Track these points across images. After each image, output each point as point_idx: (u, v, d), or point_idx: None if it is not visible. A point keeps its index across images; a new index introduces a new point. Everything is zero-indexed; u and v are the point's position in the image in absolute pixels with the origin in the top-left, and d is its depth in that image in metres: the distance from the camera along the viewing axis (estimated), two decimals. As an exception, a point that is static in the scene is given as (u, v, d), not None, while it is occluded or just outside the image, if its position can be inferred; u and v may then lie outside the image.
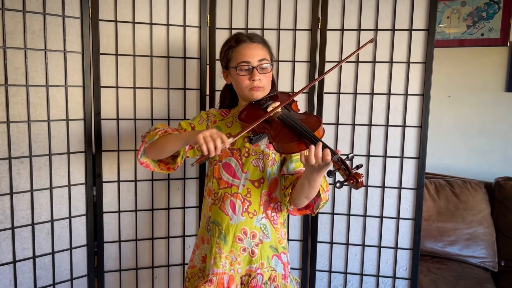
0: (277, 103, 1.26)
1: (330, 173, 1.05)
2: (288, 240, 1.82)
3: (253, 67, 1.27)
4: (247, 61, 1.27)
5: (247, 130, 1.19)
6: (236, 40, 1.31)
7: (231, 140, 1.11)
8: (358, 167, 1.04)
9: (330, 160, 1.04)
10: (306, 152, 1.09)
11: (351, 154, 1.07)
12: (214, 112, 1.43)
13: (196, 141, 1.08)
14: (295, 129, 1.15)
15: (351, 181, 1.01)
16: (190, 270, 1.40)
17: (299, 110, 1.34)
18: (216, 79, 1.81)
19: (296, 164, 1.29)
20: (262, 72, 1.28)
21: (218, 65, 1.80)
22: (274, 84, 1.40)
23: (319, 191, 1.20)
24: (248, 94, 1.30)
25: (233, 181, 1.31)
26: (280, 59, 1.80)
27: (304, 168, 1.21)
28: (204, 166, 1.85)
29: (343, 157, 1.05)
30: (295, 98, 1.36)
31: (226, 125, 1.37)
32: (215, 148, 1.06)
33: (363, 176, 1.01)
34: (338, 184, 1.03)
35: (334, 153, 1.05)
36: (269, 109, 1.24)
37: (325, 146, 1.06)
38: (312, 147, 1.06)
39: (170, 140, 1.23)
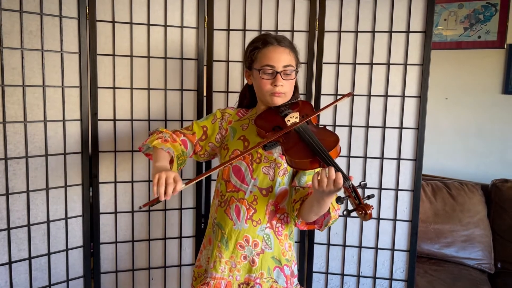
0: (296, 113, 1.23)
1: (340, 200, 1.00)
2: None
3: (277, 72, 1.23)
4: (272, 65, 1.23)
5: (242, 155, 1.18)
6: (264, 42, 1.27)
7: (183, 187, 1.07)
8: (369, 197, 1.00)
9: (342, 186, 1.01)
10: (318, 170, 1.05)
11: (364, 182, 1.03)
12: (231, 112, 1.39)
13: (152, 179, 1.06)
14: (310, 145, 1.10)
15: (360, 212, 0.98)
16: (196, 270, 1.40)
17: (317, 123, 1.30)
18: (214, 80, 1.81)
19: (309, 177, 1.25)
20: (285, 78, 1.24)
21: (216, 66, 1.80)
22: (296, 90, 1.35)
23: (329, 209, 1.17)
24: (269, 99, 1.27)
25: (241, 186, 1.28)
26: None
27: None
28: (201, 166, 1.85)
29: (355, 185, 1.02)
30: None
31: (242, 127, 1.34)
32: (165, 193, 1.03)
33: (372, 208, 0.98)
34: (345, 213, 1.00)
35: (346, 178, 1.02)
36: (286, 119, 1.21)
37: (337, 170, 1.02)
38: (325, 169, 1.03)
39: (154, 157, 1.22)
